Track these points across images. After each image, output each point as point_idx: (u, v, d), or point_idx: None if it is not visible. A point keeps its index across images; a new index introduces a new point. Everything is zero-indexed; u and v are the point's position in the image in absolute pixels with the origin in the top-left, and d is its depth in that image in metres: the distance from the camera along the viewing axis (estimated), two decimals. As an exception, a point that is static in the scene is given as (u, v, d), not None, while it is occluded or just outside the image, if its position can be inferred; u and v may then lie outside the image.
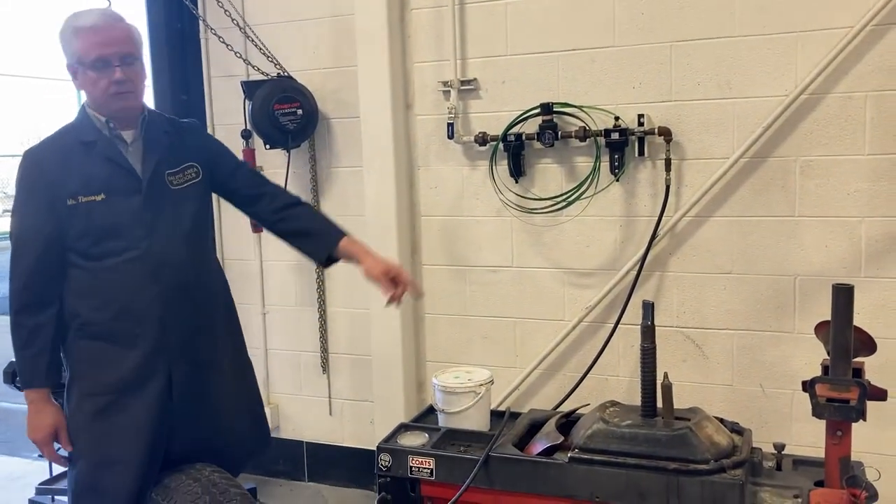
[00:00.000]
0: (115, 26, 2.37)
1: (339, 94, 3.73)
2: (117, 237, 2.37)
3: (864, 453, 2.79)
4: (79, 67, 2.37)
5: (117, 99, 2.37)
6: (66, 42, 2.37)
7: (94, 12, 2.38)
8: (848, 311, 2.35)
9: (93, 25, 2.34)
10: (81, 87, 2.42)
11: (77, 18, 2.36)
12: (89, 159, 2.38)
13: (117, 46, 2.34)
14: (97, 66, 2.34)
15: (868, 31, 2.86)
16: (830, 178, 2.99)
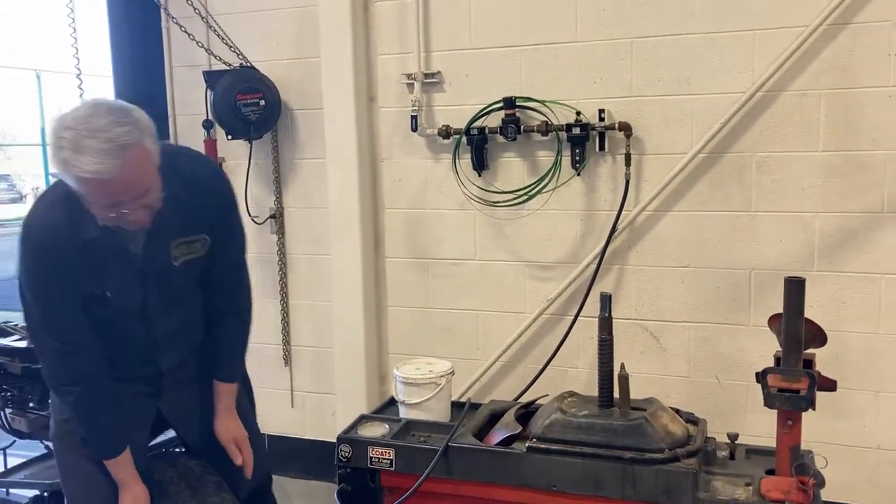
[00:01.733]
0: (120, 174, 1.91)
1: (302, 86, 3.72)
2: (114, 325, 2.25)
3: (815, 442, 2.86)
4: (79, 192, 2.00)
5: (125, 224, 2.07)
6: (53, 158, 1.96)
7: (97, 155, 1.87)
8: (799, 304, 2.41)
9: (93, 177, 1.89)
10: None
11: (72, 159, 1.88)
12: (92, 254, 2.11)
13: (130, 194, 1.98)
14: (105, 207, 2.01)
15: (822, 30, 2.92)
16: (785, 174, 3.05)
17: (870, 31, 2.89)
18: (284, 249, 3.86)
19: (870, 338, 3.01)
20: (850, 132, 2.95)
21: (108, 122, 1.90)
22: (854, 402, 3.04)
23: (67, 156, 1.89)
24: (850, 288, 3.02)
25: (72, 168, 1.89)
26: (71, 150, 1.88)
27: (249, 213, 3.78)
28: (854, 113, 2.94)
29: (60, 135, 1.90)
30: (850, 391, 3.00)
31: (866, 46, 2.90)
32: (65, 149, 1.89)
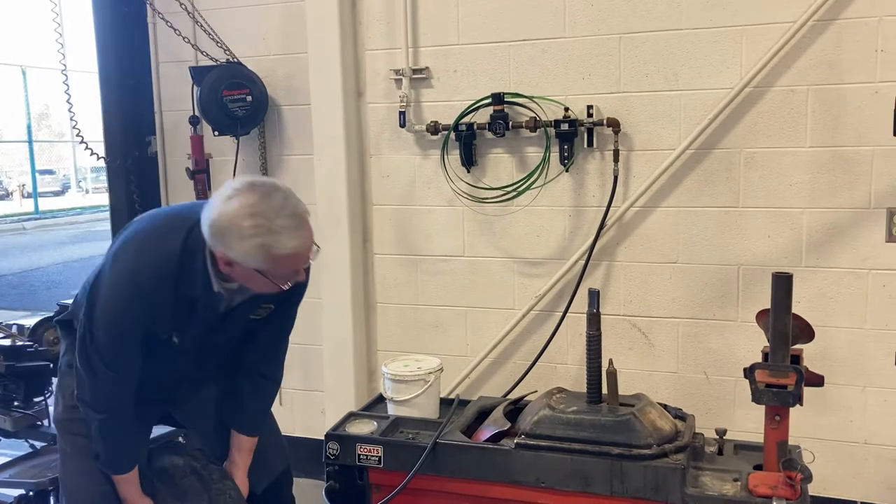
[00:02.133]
0: (309, 243, 2.03)
1: (289, 81, 3.70)
2: (165, 361, 2.26)
3: (802, 437, 2.87)
4: (250, 271, 2.02)
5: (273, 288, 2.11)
6: (240, 247, 1.96)
7: (291, 232, 1.97)
8: (787, 300, 2.41)
9: (293, 252, 1.99)
10: (231, 274, 2.07)
11: (272, 242, 1.94)
12: (184, 308, 2.14)
13: (306, 261, 2.09)
14: (288, 276, 2.07)
15: (810, 26, 2.92)
16: (773, 170, 3.05)
17: (856, 26, 2.89)
18: (272, 246, 3.83)
19: (857, 333, 3.02)
20: (837, 128, 2.96)
21: (282, 199, 1.98)
22: (841, 397, 3.05)
23: (265, 240, 1.94)
24: (837, 283, 3.03)
25: (273, 250, 1.95)
26: (267, 235, 1.94)
27: (237, 209, 3.75)
28: (841, 109, 2.95)
29: (242, 224, 1.94)
30: (837, 386, 3.01)
31: (853, 42, 2.90)
32: (258, 236, 1.94)
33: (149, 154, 4.04)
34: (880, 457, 3.06)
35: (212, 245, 2.02)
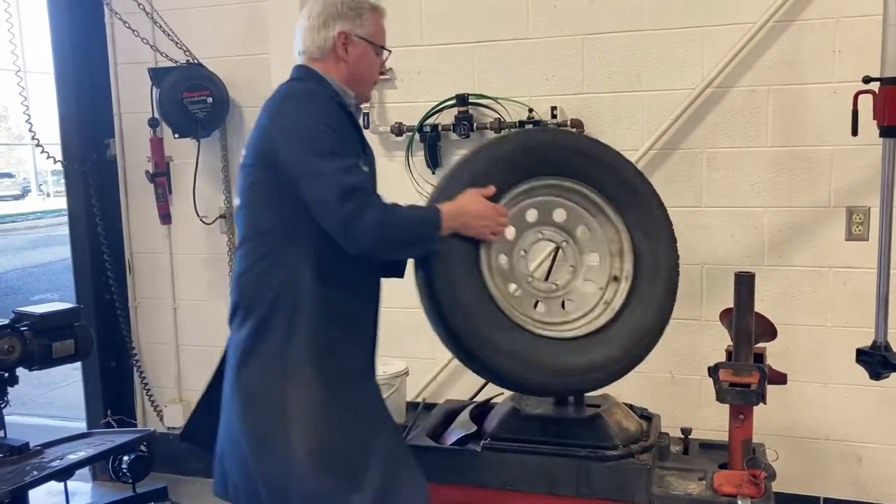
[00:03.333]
0: None
1: (251, 83, 3.65)
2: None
3: (766, 435, 2.90)
4: (362, 42, 2.14)
5: (373, 87, 2.27)
6: (355, 11, 2.13)
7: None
8: (749, 299, 2.43)
9: (383, 13, 2.22)
10: (351, 60, 2.13)
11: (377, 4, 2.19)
12: (355, 132, 2.13)
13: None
14: (379, 52, 2.20)
15: (769, 27, 2.95)
16: (735, 170, 3.08)
17: (815, 27, 2.93)
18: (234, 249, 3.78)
19: (818, 330, 3.06)
20: (797, 128, 2.99)
21: None
22: (804, 395, 3.09)
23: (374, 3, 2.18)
24: (798, 282, 3.06)
25: (381, 14, 2.19)
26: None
27: (198, 212, 3.70)
28: (801, 108, 2.98)
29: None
30: (800, 384, 3.04)
31: (812, 43, 2.94)
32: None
33: (107, 157, 3.96)
34: (842, 452, 3.10)
35: (347, 24, 2.11)
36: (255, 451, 2.01)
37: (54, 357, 3.10)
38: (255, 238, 2.04)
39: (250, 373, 2.02)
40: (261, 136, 2.03)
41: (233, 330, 2.09)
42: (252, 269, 2.03)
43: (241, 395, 2.03)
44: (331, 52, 2.14)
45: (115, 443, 3.19)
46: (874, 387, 2.85)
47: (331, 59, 2.14)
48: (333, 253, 1.98)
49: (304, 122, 2.00)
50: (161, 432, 3.85)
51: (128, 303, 4.00)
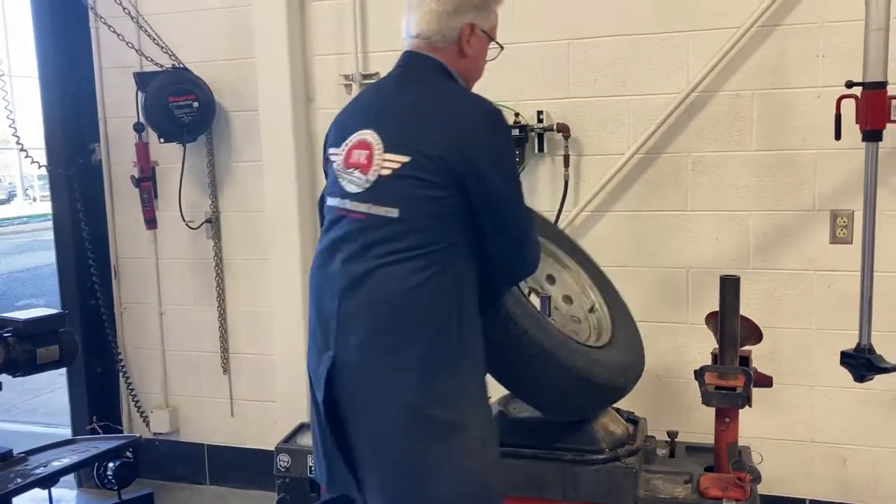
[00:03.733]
0: None
1: (237, 87, 3.64)
2: None
3: (752, 437, 2.91)
4: (483, 36, 2.05)
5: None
6: (484, 2, 2.04)
7: None
8: (735, 302, 2.45)
9: (501, 2, 2.13)
10: (471, 55, 2.04)
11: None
12: None
13: None
14: (488, 44, 2.10)
15: (754, 31, 2.97)
16: (720, 174, 3.09)
17: (798, 32, 2.95)
18: (221, 255, 3.77)
19: (803, 333, 3.07)
20: (782, 132, 3.01)
21: None
22: (789, 397, 3.10)
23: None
24: (783, 285, 3.08)
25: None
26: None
27: (184, 217, 3.69)
28: (785, 113, 3.00)
29: None
30: (785, 386, 3.06)
31: (796, 48, 2.96)
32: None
33: (92, 162, 3.94)
34: (827, 454, 3.12)
35: (476, 15, 2.01)
36: (430, 475, 1.89)
37: (39, 363, 3.06)
38: (428, 255, 1.87)
39: (434, 394, 1.89)
40: (454, 152, 1.86)
41: (380, 347, 1.90)
42: (426, 285, 1.87)
43: (423, 417, 1.88)
44: (454, 42, 2.00)
45: (100, 449, 3.16)
46: (858, 389, 2.87)
47: (452, 51, 2.01)
48: (477, 276, 1.98)
49: (504, 147, 1.99)
50: (147, 438, 3.83)
51: (113, 308, 3.98)
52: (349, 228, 1.93)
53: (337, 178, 1.99)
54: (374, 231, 1.89)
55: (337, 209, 1.97)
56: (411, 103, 1.97)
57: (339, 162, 1.99)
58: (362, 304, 1.89)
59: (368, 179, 1.90)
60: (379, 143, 1.91)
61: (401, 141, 1.90)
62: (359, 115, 2.03)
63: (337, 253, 1.94)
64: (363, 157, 1.92)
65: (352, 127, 2.00)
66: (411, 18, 2.04)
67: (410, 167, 1.87)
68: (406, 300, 1.87)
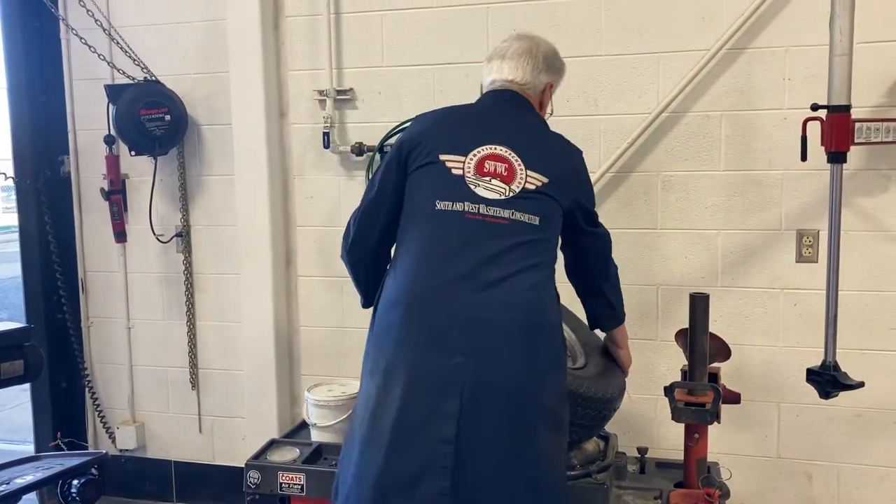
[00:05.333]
0: None
1: (210, 101, 3.63)
2: None
3: (721, 453, 2.96)
4: (550, 99, 2.43)
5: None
6: (561, 70, 2.44)
7: None
8: (704, 319, 2.48)
9: None
10: (544, 109, 2.42)
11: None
12: None
13: None
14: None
15: (722, 54, 3.03)
16: (690, 193, 3.14)
17: (765, 56, 3.02)
18: (191, 269, 3.74)
19: (770, 351, 3.12)
20: (749, 152, 3.07)
21: None
22: (757, 414, 3.14)
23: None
24: (751, 303, 3.13)
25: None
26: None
27: (154, 231, 3.65)
28: (752, 134, 3.06)
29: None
30: (753, 403, 3.10)
31: (763, 71, 3.02)
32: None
33: (61, 174, 3.89)
34: (793, 470, 3.16)
35: (555, 79, 2.42)
36: (545, 474, 2.02)
37: (2, 378, 3.01)
38: (548, 267, 2.13)
39: (553, 394, 2.07)
40: (574, 184, 2.23)
41: (530, 350, 2.02)
42: (549, 293, 2.13)
43: (549, 417, 2.06)
44: (538, 95, 2.35)
45: (64, 466, 3.10)
46: (824, 405, 2.93)
47: (535, 102, 2.35)
48: None
49: (587, 170, 2.35)
50: (113, 455, 3.77)
51: (80, 322, 3.92)
52: (483, 231, 2.05)
53: (459, 183, 2.09)
54: (514, 236, 2.06)
55: (465, 213, 2.06)
56: (534, 133, 2.26)
57: (468, 169, 2.11)
58: (500, 303, 2.00)
59: (513, 189, 2.09)
60: (517, 160, 2.13)
61: (538, 163, 2.14)
62: (477, 130, 2.19)
63: (460, 252, 2.03)
64: (502, 168, 2.11)
65: (474, 140, 2.15)
66: (505, 65, 2.33)
67: (549, 187, 2.13)
68: (542, 306, 2.07)
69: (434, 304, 2.00)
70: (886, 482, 3.06)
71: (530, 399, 1.98)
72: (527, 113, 2.31)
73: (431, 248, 2.06)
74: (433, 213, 2.07)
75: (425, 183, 2.13)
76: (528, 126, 2.27)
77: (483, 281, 1.99)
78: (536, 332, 2.03)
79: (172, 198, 3.71)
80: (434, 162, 2.12)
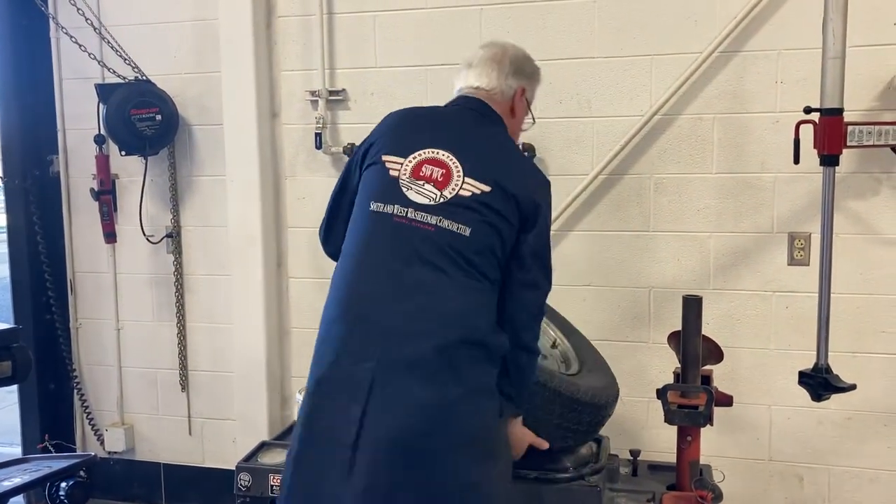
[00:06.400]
0: None
1: (201, 101, 3.61)
2: None
3: (714, 456, 2.96)
4: (525, 105, 2.32)
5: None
6: (534, 75, 2.36)
7: None
8: (697, 322, 2.48)
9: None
10: (517, 117, 2.30)
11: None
12: None
13: None
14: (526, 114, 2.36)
15: (715, 56, 3.03)
16: (682, 195, 3.14)
17: (758, 59, 3.02)
18: (181, 270, 3.71)
19: (762, 353, 3.12)
20: (741, 155, 3.07)
21: None
22: (748, 416, 3.14)
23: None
24: (743, 305, 3.13)
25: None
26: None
27: (144, 231, 3.63)
28: (745, 137, 3.06)
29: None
30: (745, 405, 3.10)
31: (755, 74, 3.03)
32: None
33: (50, 174, 3.86)
34: (784, 473, 3.16)
35: (528, 83, 2.31)
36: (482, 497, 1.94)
37: (-10, 379, 2.99)
38: (480, 280, 1.98)
39: (472, 414, 1.96)
40: (526, 198, 2.04)
41: (443, 365, 1.91)
42: (480, 306, 1.99)
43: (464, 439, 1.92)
44: (508, 101, 2.25)
45: (52, 469, 3.08)
46: (816, 408, 2.93)
47: (505, 109, 2.25)
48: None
49: (549, 207, 2.14)
50: (102, 457, 3.74)
51: (69, 323, 3.89)
52: (408, 236, 1.97)
53: (393, 185, 2.04)
54: (438, 244, 1.96)
55: (394, 216, 2.00)
56: (486, 142, 2.14)
57: (404, 171, 2.04)
58: (419, 312, 1.92)
59: (444, 195, 2.00)
60: (458, 166, 2.03)
61: (482, 171, 2.03)
62: (426, 133, 2.14)
63: (385, 257, 1.98)
64: (439, 174, 2.03)
65: (418, 143, 2.09)
66: (471, 73, 2.27)
67: (490, 196, 2.00)
68: (465, 320, 1.94)
69: (353, 309, 1.97)
70: (877, 484, 3.07)
71: (440, 416, 1.88)
72: (490, 124, 2.19)
73: (360, 250, 2.02)
74: (367, 214, 2.04)
75: (366, 183, 2.11)
76: (483, 135, 2.15)
77: (402, 288, 1.93)
78: (454, 346, 1.90)
79: (163, 198, 3.69)
80: (377, 162, 2.10)
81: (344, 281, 2.02)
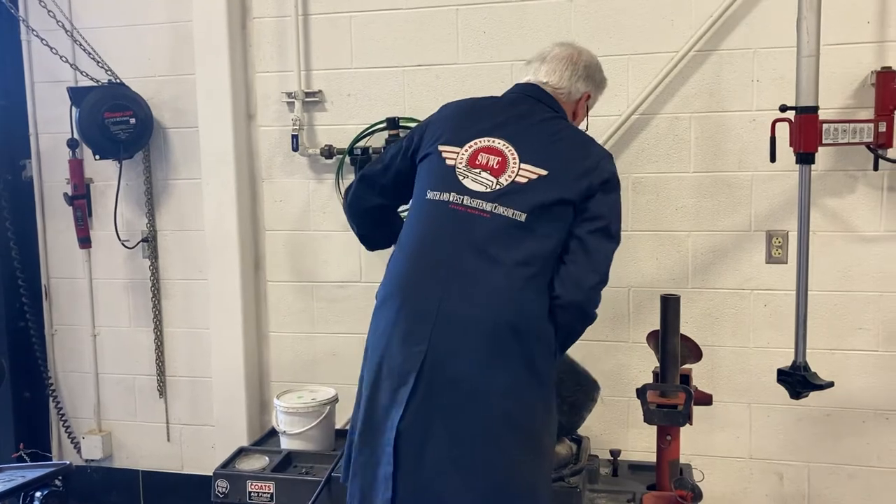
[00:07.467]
0: None
1: (176, 104, 3.57)
2: None
3: (693, 455, 2.96)
4: (586, 111, 2.41)
5: None
6: (602, 84, 2.44)
7: None
8: (675, 321, 2.48)
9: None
10: (578, 121, 2.40)
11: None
12: None
13: None
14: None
15: (691, 56, 3.04)
16: (660, 195, 3.15)
17: (734, 58, 3.03)
18: (158, 274, 3.67)
19: (741, 351, 3.13)
20: (719, 154, 3.08)
21: None
22: (728, 415, 3.15)
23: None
24: (721, 304, 3.13)
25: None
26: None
27: (119, 236, 3.59)
28: (722, 135, 3.07)
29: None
30: (725, 404, 3.11)
31: (731, 72, 3.04)
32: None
33: (23, 178, 3.81)
34: (764, 470, 3.17)
35: (594, 90, 2.40)
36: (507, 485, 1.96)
37: (-38, 388, 2.94)
38: (534, 265, 2.02)
39: (521, 405, 2.04)
40: (584, 182, 2.08)
41: (493, 351, 1.98)
42: (532, 292, 2.03)
43: (514, 428, 2.00)
44: (572, 104, 2.33)
45: (26, 478, 3.03)
46: (794, 406, 2.94)
47: (570, 109, 2.32)
48: None
49: (619, 201, 2.21)
50: (78, 465, 3.69)
51: (44, 330, 3.83)
52: (464, 223, 2.02)
53: (450, 174, 2.08)
54: (496, 230, 2.00)
55: (450, 203, 2.04)
56: (542, 126, 2.17)
57: (460, 160, 2.09)
58: (472, 297, 1.96)
59: (500, 182, 2.05)
60: (513, 153, 2.08)
61: (538, 156, 2.08)
62: (482, 123, 2.18)
63: (441, 243, 2.02)
64: (495, 161, 2.08)
65: (474, 132, 2.13)
66: (543, 67, 2.32)
67: (547, 180, 2.04)
68: (518, 305, 1.98)
69: (409, 294, 2.02)
70: (855, 480, 3.09)
71: (489, 403, 1.93)
72: (547, 109, 2.24)
73: (416, 238, 2.09)
74: (424, 203, 2.10)
75: (423, 172, 2.17)
76: (540, 120, 2.19)
77: (456, 273, 1.98)
78: (506, 333, 1.95)
79: (138, 202, 3.65)
80: (433, 152, 2.15)
81: (400, 268, 2.08)
